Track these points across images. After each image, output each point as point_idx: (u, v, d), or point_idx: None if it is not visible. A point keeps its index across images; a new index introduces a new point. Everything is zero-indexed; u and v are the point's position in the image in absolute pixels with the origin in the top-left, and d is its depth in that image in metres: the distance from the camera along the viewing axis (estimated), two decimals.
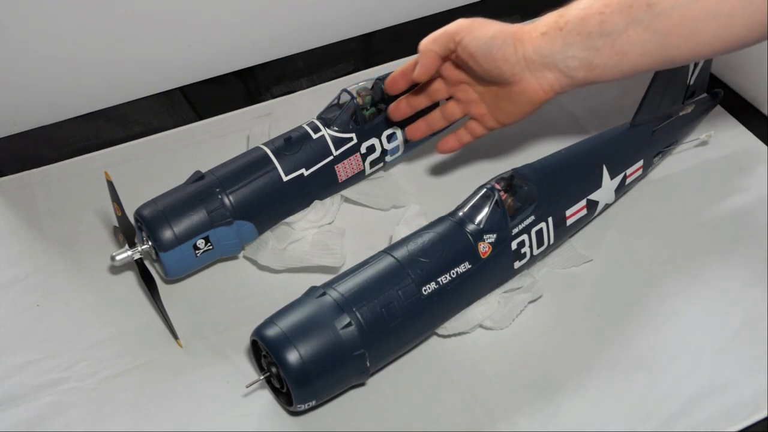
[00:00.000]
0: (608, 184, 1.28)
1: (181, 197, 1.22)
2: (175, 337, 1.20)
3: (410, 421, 1.11)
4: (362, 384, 1.13)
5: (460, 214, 1.17)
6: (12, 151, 1.54)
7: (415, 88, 1.27)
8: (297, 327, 1.05)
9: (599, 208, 1.29)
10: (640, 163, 1.33)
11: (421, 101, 1.28)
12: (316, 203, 1.32)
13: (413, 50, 1.69)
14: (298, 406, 1.06)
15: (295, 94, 1.63)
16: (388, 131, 1.35)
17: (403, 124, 1.36)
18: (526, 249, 1.19)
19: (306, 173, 1.29)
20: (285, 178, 1.27)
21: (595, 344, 1.18)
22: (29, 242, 1.35)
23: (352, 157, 1.32)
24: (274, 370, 1.07)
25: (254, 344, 1.09)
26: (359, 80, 1.36)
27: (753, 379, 1.13)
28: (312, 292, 1.11)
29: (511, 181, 1.19)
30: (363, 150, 1.33)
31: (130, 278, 1.30)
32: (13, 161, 1.51)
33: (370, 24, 1.76)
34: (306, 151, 1.29)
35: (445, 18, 1.78)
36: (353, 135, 1.32)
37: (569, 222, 1.24)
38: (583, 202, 1.25)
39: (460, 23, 1.17)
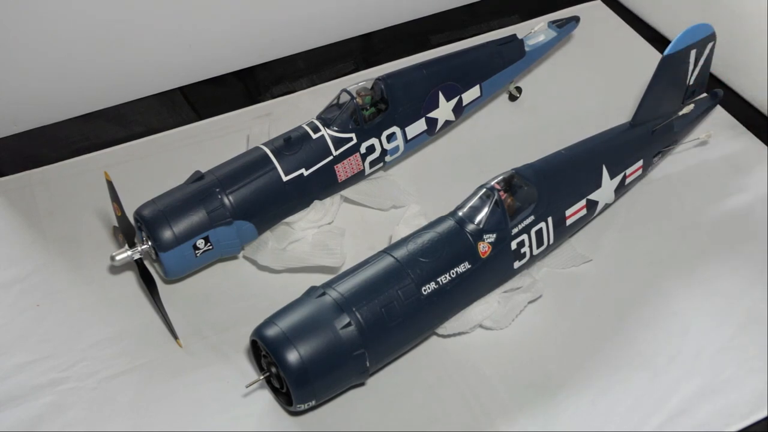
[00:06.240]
0: (608, 184, 1.28)
1: (181, 197, 1.22)
2: (175, 337, 1.20)
3: (410, 421, 1.11)
4: (362, 384, 1.13)
5: (460, 214, 1.17)
6: (12, 151, 1.54)
7: None
8: (297, 327, 1.05)
9: (599, 208, 1.29)
10: (640, 163, 1.33)
11: None
12: (316, 203, 1.32)
13: (413, 50, 1.70)
14: (298, 406, 1.06)
15: (295, 94, 1.63)
16: (388, 131, 1.35)
17: (402, 124, 1.36)
18: (525, 249, 1.19)
19: (306, 173, 1.29)
20: (285, 178, 1.27)
21: (595, 344, 1.18)
22: (29, 242, 1.35)
23: (351, 157, 1.32)
24: (273, 370, 1.07)
25: (254, 344, 1.09)
26: (359, 80, 1.36)
27: (753, 379, 1.13)
28: (312, 292, 1.11)
29: (510, 181, 1.19)
30: (363, 150, 1.33)
31: (130, 278, 1.30)
32: (13, 161, 1.51)
33: (370, 24, 1.76)
34: (306, 151, 1.29)
35: (445, 18, 1.80)
36: (353, 135, 1.32)
37: (569, 222, 1.24)
38: (583, 202, 1.25)
39: None
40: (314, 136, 1.30)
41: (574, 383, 1.14)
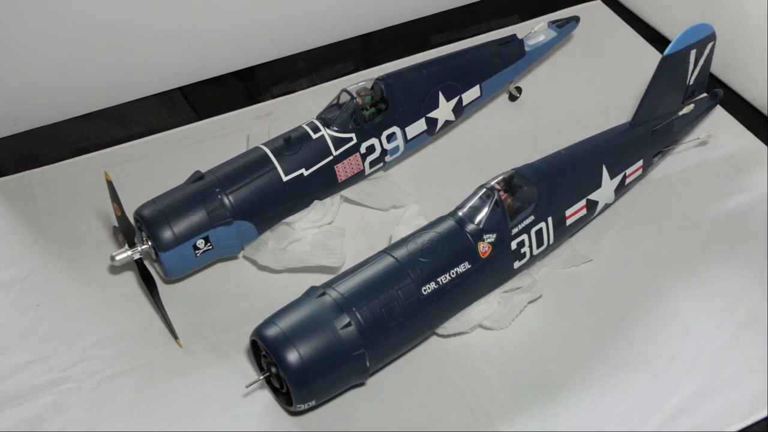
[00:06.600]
0: (608, 184, 1.28)
1: (181, 197, 1.22)
2: (175, 337, 1.20)
3: (410, 421, 1.11)
4: (362, 384, 1.13)
5: (460, 214, 1.17)
6: (12, 151, 1.54)
7: None
8: (297, 327, 1.05)
9: (599, 208, 1.29)
10: (640, 163, 1.33)
11: None
12: (316, 203, 1.32)
13: (413, 50, 1.70)
14: (298, 406, 1.06)
15: (295, 94, 1.63)
16: (388, 131, 1.35)
17: (402, 124, 1.36)
18: (525, 249, 1.19)
19: (306, 173, 1.29)
20: (285, 178, 1.27)
21: (596, 344, 1.18)
22: (29, 242, 1.35)
23: (351, 157, 1.32)
24: (273, 370, 1.07)
25: (254, 344, 1.09)
26: (359, 80, 1.36)
27: (753, 379, 1.13)
28: (312, 292, 1.11)
29: (510, 181, 1.19)
30: (363, 150, 1.33)
31: (130, 278, 1.30)
32: (13, 161, 1.51)
33: (370, 24, 1.76)
34: (306, 151, 1.29)
35: (445, 18, 1.80)
36: (353, 135, 1.32)
37: (569, 222, 1.24)
38: (583, 202, 1.25)
39: None
40: (314, 136, 1.30)
41: (574, 383, 1.14)
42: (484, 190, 1.17)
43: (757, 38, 1.47)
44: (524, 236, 1.19)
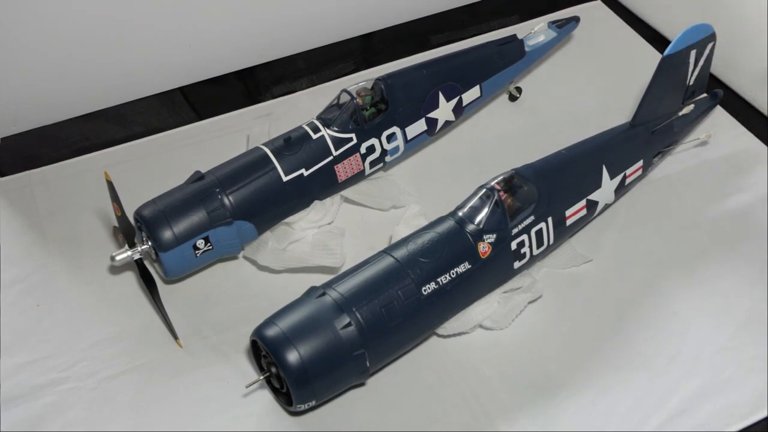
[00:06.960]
0: (608, 184, 1.28)
1: (181, 197, 1.22)
2: (175, 337, 1.20)
3: (410, 421, 1.11)
4: (362, 384, 1.13)
5: (460, 214, 1.17)
6: (12, 151, 1.54)
7: None
8: (297, 327, 1.05)
9: (599, 208, 1.29)
10: (640, 163, 1.33)
11: None
12: (316, 203, 1.32)
13: (413, 50, 1.70)
14: (298, 406, 1.06)
15: (295, 94, 1.63)
16: (388, 131, 1.35)
17: (402, 124, 1.36)
18: (525, 249, 1.19)
19: (306, 173, 1.29)
20: (285, 178, 1.27)
21: (596, 344, 1.18)
22: (29, 242, 1.35)
23: (351, 158, 1.32)
24: (273, 370, 1.07)
25: (254, 344, 1.09)
26: (359, 80, 1.36)
27: (753, 379, 1.13)
28: (312, 292, 1.11)
29: (511, 181, 1.19)
30: (363, 150, 1.33)
31: (130, 278, 1.30)
32: (13, 161, 1.51)
33: (370, 24, 1.76)
34: (306, 151, 1.29)
35: (445, 18, 1.80)
36: (353, 135, 1.32)
37: (569, 222, 1.24)
38: (583, 202, 1.25)
39: None
40: (314, 137, 1.30)
41: (574, 383, 1.14)
42: (484, 190, 1.17)
43: (757, 38, 1.47)
44: (524, 236, 1.19)
